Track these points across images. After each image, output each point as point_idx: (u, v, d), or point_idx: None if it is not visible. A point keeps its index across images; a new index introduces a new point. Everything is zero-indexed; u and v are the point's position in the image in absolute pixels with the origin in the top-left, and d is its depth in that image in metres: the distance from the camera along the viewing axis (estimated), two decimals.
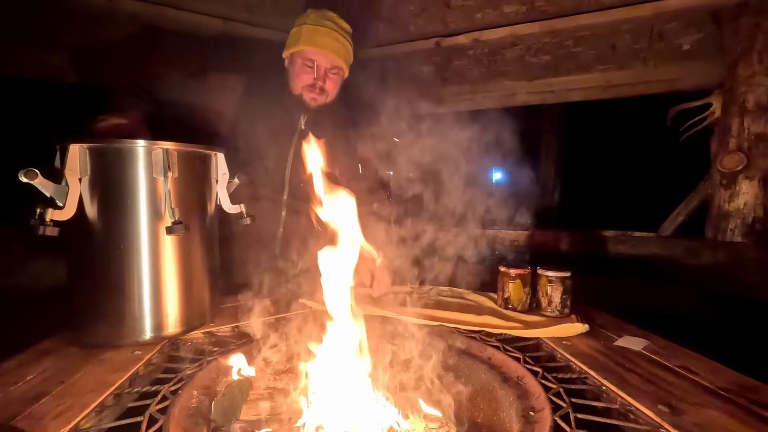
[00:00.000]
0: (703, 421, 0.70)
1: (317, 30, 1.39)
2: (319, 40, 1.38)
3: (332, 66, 1.43)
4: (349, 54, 1.48)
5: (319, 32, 1.39)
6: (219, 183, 1.16)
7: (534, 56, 2.52)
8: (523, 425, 0.74)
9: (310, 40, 1.38)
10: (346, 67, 1.49)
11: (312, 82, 1.42)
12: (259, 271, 1.28)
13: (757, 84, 1.92)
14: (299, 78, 1.43)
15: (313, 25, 1.39)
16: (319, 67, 1.41)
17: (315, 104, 1.46)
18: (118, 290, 0.98)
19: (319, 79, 1.42)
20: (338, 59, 1.42)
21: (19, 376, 0.84)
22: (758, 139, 1.93)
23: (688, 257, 2.12)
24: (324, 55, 1.40)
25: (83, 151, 0.94)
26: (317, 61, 1.40)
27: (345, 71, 1.50)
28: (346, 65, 1.48)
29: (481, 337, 1.09)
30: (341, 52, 1.42)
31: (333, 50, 1.40)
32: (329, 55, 1.40)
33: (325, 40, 1.38)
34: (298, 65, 1.42)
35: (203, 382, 0.87)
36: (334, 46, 1.40)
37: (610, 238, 2.38)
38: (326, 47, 1.38)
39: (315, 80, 1.42)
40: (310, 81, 1.42)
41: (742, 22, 1.94)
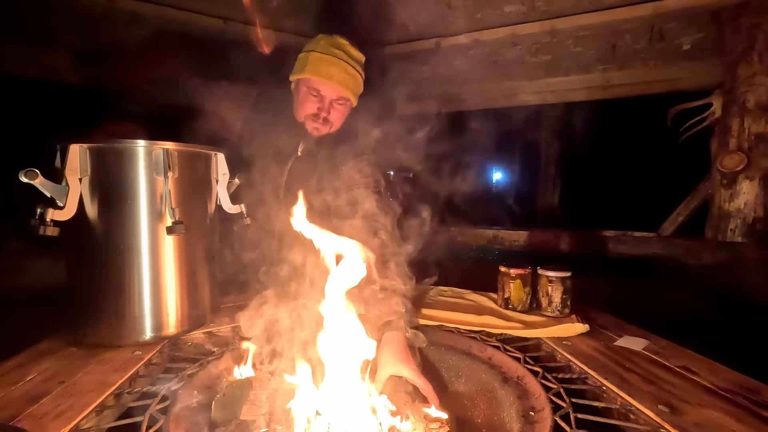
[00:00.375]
0: (704, 421, 0.70)
1: (324, 59, 1.32)
2: (326, 71, 1.31)
3: (338, 97, 1.36)
4: (358, 85, 1.40)
5: (326, 61, 1.32)
6: (219, 183, 1.17)
7: (534, 56, 2.52)
8: (523, 425, 0.74)
9: (316, 70, 1.32)
10: (354, 98, 1.42)
11: (316, 112, 1.36)
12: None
13: (757, 84, 1.92)
14: (303, 106, 1.37)
15: (322, 53, 1.32)
16: (324, 97, 1.35)
17: (317, 134, 1.40)
18: (119, 290, 0.98)
19: (323, 110, 1.36)
20: (345, 90, 1.35)
21: (20, 376, 0.84)
22: (759, 139, 1.93)
23: (688, 257, 2.12)
24: (330, 86, 1.33)
25: (83, 151, 0.94)
26: (322, 92, 1.34)
27: (353, 102, 1.43)
28: (354, 96, 1.41)
29: (481, 337, 1.09)
30: (349, 84, 1.35)
31: (340, 81, 1.33)
32: (335, 87, 1.33)
33: (332, 71, 1.31)
34: (302, 93, 1.36)
35: (203, 382, 0.87)
36: (342, 77, 1.33)
37: (610, 238, 2.38)
38: (333, 78, 1.31)
39: (319, 110, 1.36)
40: (314, 110, 1.36)
41: (743, 22, 1.94)
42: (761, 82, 1.91)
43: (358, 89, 1.41)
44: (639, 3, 2.02)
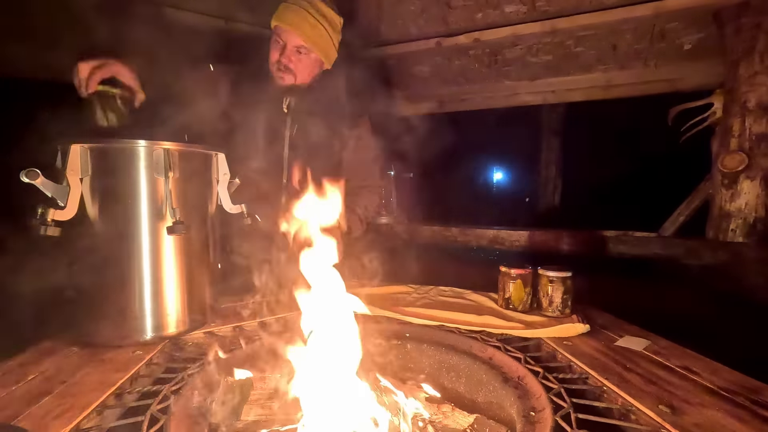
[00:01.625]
0: (704, 422, 0.70)
1: (290, 8, 1.36)
2: (288, 17, 1.35)
3: (298, 45, 1.39)
4: (325, 40, 1.42)
5: (290, 10, 1.36)
6: (220, 183, 1.17)
7: (535, 56, 2.52)
8: (524, 425, 0.74)
9: (279, 17, 1.37)
10: (319, 51, 1.43)
11: (278, 58, 1.40)
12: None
13: (758, 84, 1.91)
14: (270, 54, 1.42)
15: (289, 3, 1.37)
16: (286, 44, 1.38)
17: (283, 83, 1.43)
18: (119, 290, 0.98)
19: (284, 57, 1.39)
20: (305, 39, 1.37)
21: (20, 376, 0.84)
22: (759, 139, 1.92)
23: (689, 257, 2.12)
24: (289, 33, 1.36)
25: (84, 151, 0.94)
26: (283, 37, 1.38)
27: (319, 55, 1.44)
28: (318, 49, 1.42)
29: (481, 338, 1.09)
30: (309, 33, 1.37)
31: (299, 29, 1.36)
32: (294, 33, 1.36)
33: (293, 18, 1.35)
34: (272, 42, 1.41)
35: (204, 382, 0.87)
36: (302, 26, 1.36)
37: (611, 238, 2.38)
38: (292, 24, 1.35)
39: (280, 56, 1.39)
40: (276, 57, 1.40)
41: (744, 21, 1.94)
42: (762, 81, 1.91)
43: (323, 43, 1.42)
44: (640, 3, 2.02)
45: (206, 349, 1.01)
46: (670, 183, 2.66)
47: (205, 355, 0.97)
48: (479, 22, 2.33)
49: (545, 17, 2.20)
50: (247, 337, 1.08)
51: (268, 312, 1.22)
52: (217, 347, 1.01)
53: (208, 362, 0.92)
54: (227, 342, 1.06)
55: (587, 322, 1.11)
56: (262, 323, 1.18)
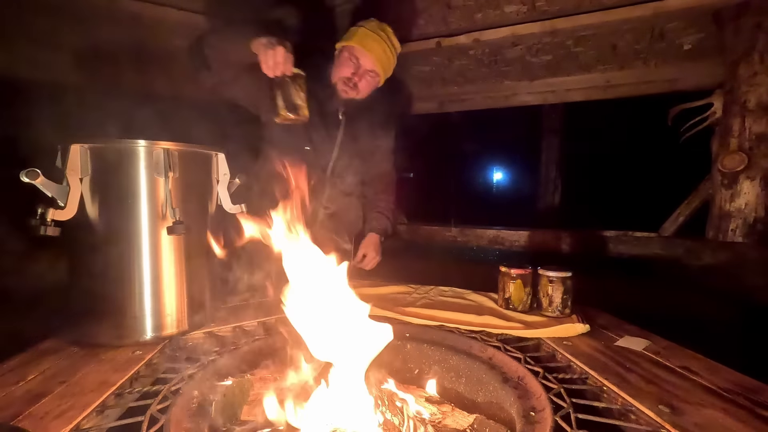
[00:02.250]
0: (704, 422, 0.70)
1: (371, 35, 1.57)
2: (369, 44, 1.56)
3: (371, 69, 1.59)
4: (390, 67, 1.67)
5: (371, 37, 1.57)
6: (220, 183, 1.17)
7: (535, 56, 2.52)
8: (524, 425, 0.74)
9: (362, 41, 1.56)
10: (383, 76, 1.66)
11: (349, 76, 1.59)
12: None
13: (758, 84, 1.91)
14: (340, 69, 1.60)
15: (370, 30, 1.57)
16: (360, 66, 1.58)
17: (345, 96, 1.63)
18: (119, 290, 0.98)
19: (356, 76, 1.59)
20: (378, 65, 1.59)
21: (20, 376, 0.84)
22: (759, 139, 1.92)
23: (689, 257, 2.12)
24: (368, 57, 1.57)
25: (84, 151, 0.94)
26: (361, 60, 1.57)
27: (381, 80, 1.67)
28: (384, 75, 1.66)
29: (481, 338, 1.09)
30: (383, 61, 1.60)
31: (377, 57, 1.57)
32: (372, 59, 1.57)
33: (374, 46, 1.56)
34: (344, 57, 1.59)
35: (204, 382, 0.87)
36: (380, 54, 1.58)
37: (611, 238, 2.38)
38: (372, 51, 1.56)
39: (352, 75, 1.58)
40: (348, 74, 1.59)
41: (744, 21, 1.94)
42: (762, 81, 1.90)
43: (388, 71, 1.67)
44: (639, 3, 2.02)
45: (206, 349, 1.01)
46: (670, 183, 2.66)
47: (205, 355, 0.97)
48: (479, 22, 2.33)
49: (545, 17, 2.20)
50: (247, 337, 1.08)
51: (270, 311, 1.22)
52: (218, 347, 1.01)
53: (208, 362, 0.92)
54: (227, 342, 1.06)
55: (587, 322, 1.11)
56: (262, 323, 1.18)
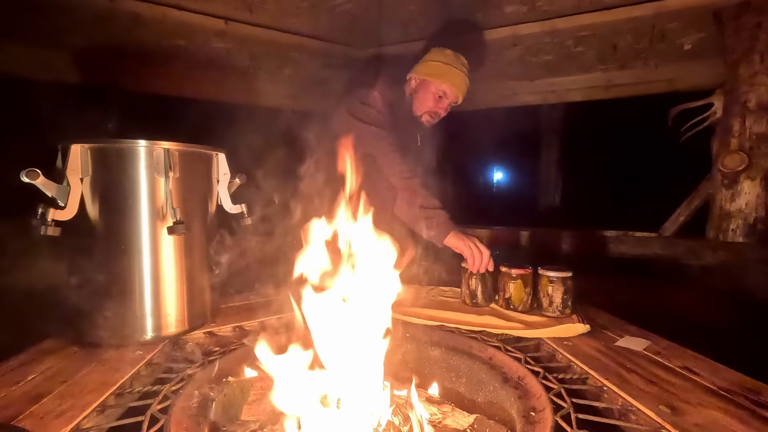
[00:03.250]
0: (704, 422, 0.70)
1: (457, 72, 1.65)
2: (457, 81, 1.66)
3: (455, 101, 1.70)
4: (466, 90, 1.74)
5: (454, 73, 1.65)
6: (220, 183, 1.17)
7: (535, 56, 2.52)
8: (524, 425, 0.74)
9: (451, 80, 1.65)
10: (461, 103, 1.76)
11: (436, 110, 1.69)
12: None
13: (758, 84, 1.91)
14: (426, 103, 1.69)
15: (454, 66, 1.65)
16: (446, 99, 1.68)
17: (428, 124, 1.74)
18: (120, 290, 0.98)
19: (442, 108, 1.70)
20: (461, 97, 1.70)
21: (21, 376, 0.84)
22: (760, 139, 1.92)
23: (689, 257, 2.12)
24: (454, 93, 1.67)
25: (84, 151, 0.94)
26: (448, 94, 1.67)
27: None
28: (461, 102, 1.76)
29: (482, 338, 1.09)
30: (464, 90, 1.70)
31: (460, 90, 1.68)
32: (457, 93, 1.67)
33: (458, 82, 1.66)
34: (430, 93, 1.68)
35: (204, 382, 0.87)
36: (462, 87, 1.68)
37: (611, 238, 2.38)
38: (457, 87, 1.66)
39: (439, 108, 1.69)
40: (435, 108, 1.69)
41: (744, 21, 1.94)
42: (762, 81, 1.91)
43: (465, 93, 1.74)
44: (640, 3, 2.02)
45: (206, 349, 1.01)
46: (670, 183, 2.65)
47: (205, 355, 0.97)
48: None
49: (545, 17, 2.20)
50: (247, 337, 1.08)
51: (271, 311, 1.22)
52: (218, 347, 1.01)
53: (208, 362, 0.92)
54: (227, 342, 1.06)
55: (587, 322, 1.11)
56: (262, 323, 1.18)
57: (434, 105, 1.68)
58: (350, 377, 0.77)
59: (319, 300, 0.79)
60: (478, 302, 1.31)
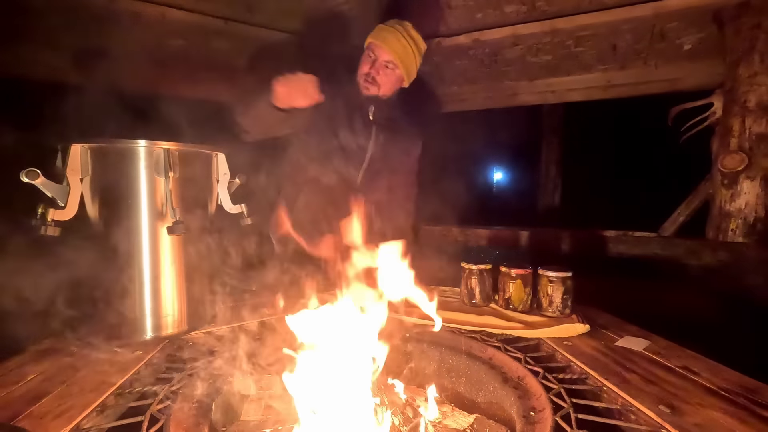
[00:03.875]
0: (704, 422, 0.70)
1: (386, 29, 1.59)
2: (383, 36, 1.57)
3: (388, 60, 1.58)
4: (410, 59, 1.62)
5: (386, 30, 1.58)
6: (220, 183, 1.17)
7: (535, 56, 2.52)
8: (524, 425, 0.74)
9: (376, 35, 1.59)
10: (403, 69, 1.62)
11: (368, 71, 1.60)
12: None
13: (758, 84, 1.91)
14: (361, 67, 1.62)
15: (386, 25, 1.60)
16: (377, 59, 1.59)
17: (366, 92, 1.62)
18: (119, 290, 0.98)
19: (373, 70, 1.59)
20: (394, 56, 1.57)
21: (20, 376, 0.84)
22: (759, 139, 1.92)
23: (689, 257, 2.12)
24: (382, 49, 1.57)
25: (84, 151, 0.94)
26: (376, 52, 1.59)
27: (402, 73, 1.63)
28: (404, 67, 1.61)
29: (481, 338, 1.09)
30: (400, 52, 1.58)
31: (391, 47, 1.56)
32: (386, 50, 1.57)
33: (387, 37, 1.57)
34: (363, 55, 1.62)
35: (204, 382, 0.87)
36: (395, 45, 1.57)
37: (610, 238, 2.37)
38: (385, 41, 1.56)
39: (370, 69, 1.59)
40: (366, 69, 1.60)
41: (744, 21, 1.94)
42: (762, 81, 1.90)
43: (408, 62, 1.62)
44: (639, 3, 2.02)
45: (206, 349, 1.01)
46: (670, 183, 2.66)
47: (205, 355, 0.97)
48: (479, 22, 2.33)
49: (545, 17, 2.20)
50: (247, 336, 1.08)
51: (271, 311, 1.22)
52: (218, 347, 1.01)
53: (208, 362, 0.92)
54: (227, 342, 1.06)
55: (587, 322, 1.11)
56: (262, 323, 1.18)
57: (366, 67, 1.60)
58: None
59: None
60: (477, 302, 1.31)
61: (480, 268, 1.30)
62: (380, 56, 1.58)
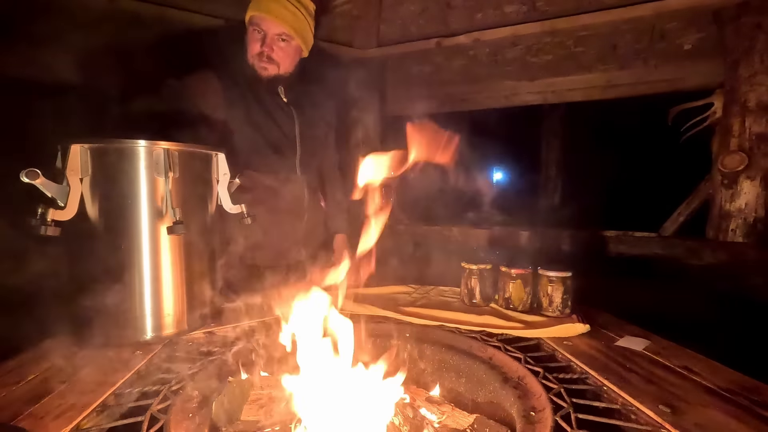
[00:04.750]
0: (704, 422, 0.70)
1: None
2: (266, 6, 1.35)
3: (280, 32, 1.38)
4: (303, 25, 1.41)
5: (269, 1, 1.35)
6: (220, 183, 1.17)
7: (535, 56, 2.52)
8: (524, 425, 0.74)
9: (257, 6, 1.36)
10: (299, 38, 1.42)
11: (260, 50, 1.38)
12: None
13: (758, 84, 1.91)
14: (250, 47, 1.40)
15: None
16: (266, 33, 1.37)
17: (264, 73, 1.42)
18: (119, 290, 0.98)
19: (266, 47, 1.38)
20: (285, 26, 1.37)
21: (20, 376, 0.84)
22: (759, 139, 1.92)
23: (689, 257, 2.12)
24: (269, 21, 1.35)
25: (84, 151, 0.94)
26: (263, 26, 1.37)
27: (299, 43, 1.44)
28: (299, 36, 1.42)
29: (482, 338, 1.09)
30: (289, 20, 1.37)
31: (279, 16, 1.35)
32: (275, 21, 1.35)
33: (272, 6, 1.34)
34: (249, 33, 1.40)
35: (204, 382, 0.87)
36: (282, 13, 1.35)
37: (611, 238, 2.37)
38: (272, 12, 1.34)
39: (262, 48, 1.38)
40: (257, 49, 1.39)
41: (744, 21, 1.94)
42: (762, 81, 1.91)
43: (303, 30, 1.42)
44: (639, 3, 2.02)
45: (206, 349, 1.01)
46: (670, 183, 2.66)
47: (205, 355, 0.97)
48: (479, 22, 2.33)
49: (545, 17, 2.20)
50: (247, 337, 1.08)
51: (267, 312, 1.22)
52: (218, 347, 1.01)
53: (208, 362, 0.92)
54: (227, 342, 1.06)
55: (587, 322, 1.11)
56: (262, 323, 1.18)
57: (256, 45, 1.38)
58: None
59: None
60: (477, 302, 1.31)
61: (480, 268, 1.30)
62: (269, 30, 1.37)
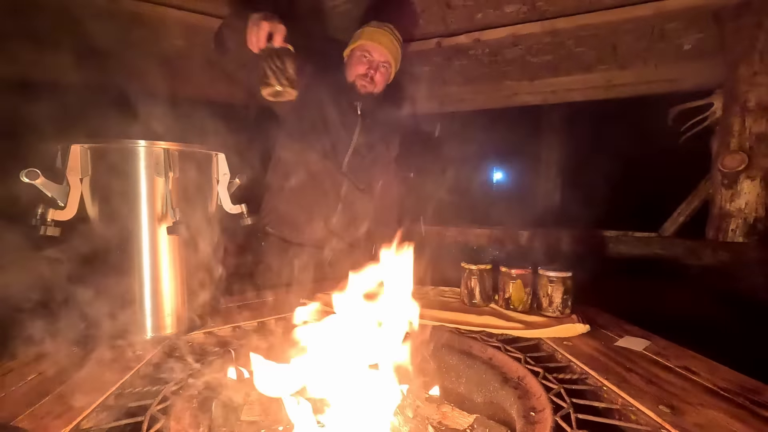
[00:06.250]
0: (704, 422, 0.70)
1: (377, 31, 1.69)
2: (378, 38, 1.67)
3: (384, 60, 1.69)
4: (398, 56, 1.75)
5: (378, 32, 1.69)
6: (220, 183, 1.17)
7: (535, 56, 2.52)
8: (524, 425, 0.74)
9: (370, 37, 1.67)
10: (394, 66, 1.75)
11: (365, 72, 1.68)
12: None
13: (758, 83, 1.91)
14: (355, 68, 1.69)
15: (375, 27, 1.70)
16: (373, 59, 1.68)
17: (364, 90, 1.70)
18: (119, 290, 0.98)
19: (372, 69, 1.68)
20: (389, 55, 1.69)
21: (20, 376, 0.84)
22: (759, 139, 1.92)
23: (689, 257, 2.12)
24: (379, 50, 1.67)
25: (84, 151, 0.94)
26: (373, 54, 1.68)
27: (392, 70, 1.75)
28: (395, 65, 1.75)
29: (482, 338, 1.09)
30: (393, 51, 1.70)
31: (387, 47, 1.68)
32: (383, 50, 1.67)
33: (382, 38, 1.68)
34: (356, 57, 1.69)
35: (204, 382, 0.87)
36: (389, 45, 1.68)
37: (611, 238, 2.37)
38: (382, 43, 1.67)
39: (368, 70, 1.68)
40: (363, 71, 1.68)
41: (744, 21, 1.94)
42: (762, 81, 1.91)
43: (398, 59, 1.76)
44: (640, 3, 2.02)
45: (206, 349, 1.01)
46: (671, 183, 2.65)
47: (205, 355, 0.97)
48: (479, 22, 2.33)
49: (545, 17, 2.20)
50: (247, 337, 1.08)
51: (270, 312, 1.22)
52: (218, 347, 1.01)
53: (208, 362, 0.92)
54: (227, 342, 1.06)
55: (587, 322, 1.11)
56: (261, 323, 1.18)
57: (362, 68, 1.68)
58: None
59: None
60: (477, 302, 1.31)
61: (480, 268, 1.30)
62: (377, 57, 1.68)
